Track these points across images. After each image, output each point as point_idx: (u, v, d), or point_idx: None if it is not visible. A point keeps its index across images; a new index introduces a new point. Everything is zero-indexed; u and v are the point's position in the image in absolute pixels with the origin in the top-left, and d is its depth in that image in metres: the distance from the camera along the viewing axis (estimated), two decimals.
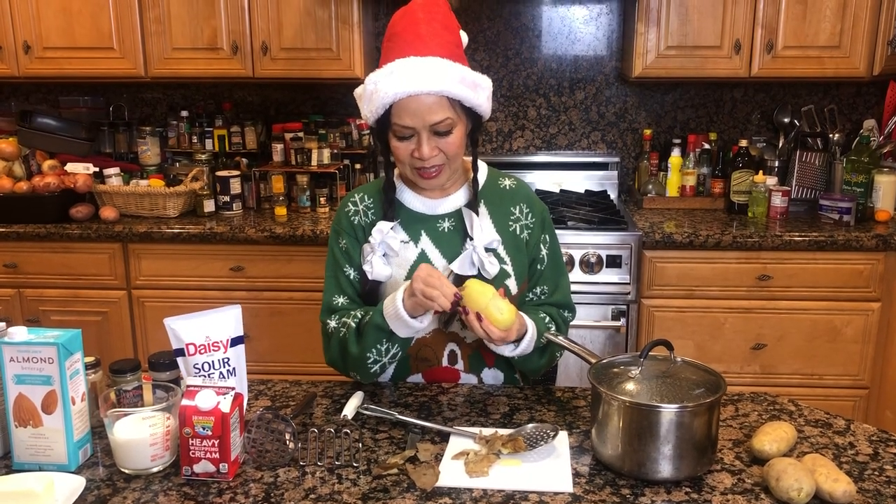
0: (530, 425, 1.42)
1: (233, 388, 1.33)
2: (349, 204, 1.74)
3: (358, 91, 1.63)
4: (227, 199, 3.21)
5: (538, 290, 1.75)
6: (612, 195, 3.40)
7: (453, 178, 1.70)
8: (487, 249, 1.65)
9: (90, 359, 1.48)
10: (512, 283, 1.68)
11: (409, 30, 1.55)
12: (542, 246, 1.75)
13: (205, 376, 1.44)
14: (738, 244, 2.84)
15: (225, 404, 1.29)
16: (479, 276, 1.63)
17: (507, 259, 1.69)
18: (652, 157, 3.38)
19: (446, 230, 1.69)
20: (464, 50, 1.62)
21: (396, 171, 1.75)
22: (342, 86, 3.46)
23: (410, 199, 1.71)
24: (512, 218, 1.72)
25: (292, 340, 3.03)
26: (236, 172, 3.24)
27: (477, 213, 1.67)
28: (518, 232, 1.72)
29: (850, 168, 3.08)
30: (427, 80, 1.51)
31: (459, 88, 1.54)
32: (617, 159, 3.45)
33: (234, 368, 1.48)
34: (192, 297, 2.98)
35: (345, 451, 1.37)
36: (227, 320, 1.48)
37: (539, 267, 1.75)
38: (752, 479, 1.30)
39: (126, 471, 1.33)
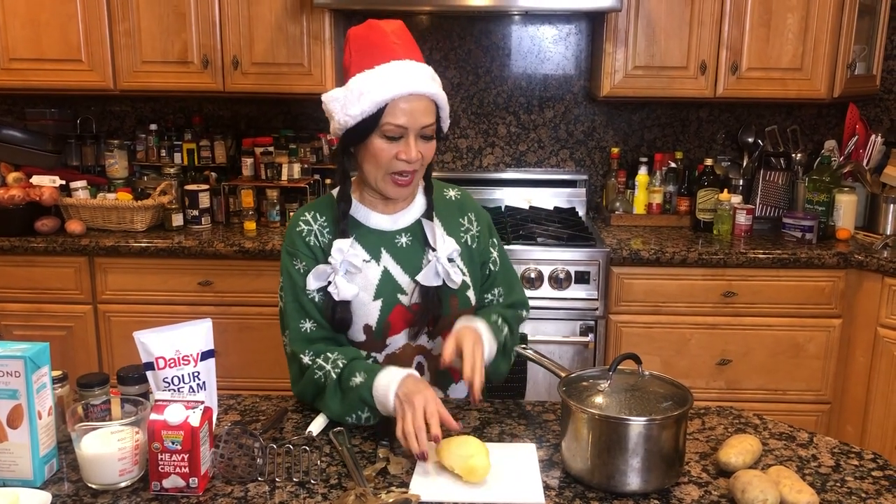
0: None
1: (202, 402, 1.32)
2: (300, 223, 1.68)
3: (334, 94, 1.60)
4: (195, 213, 3.18)
5: (495, 291, 1.78)
6: (581, 212, 3.44)
7: (416, 189, 1.71)
8: (449, 260, 1.66)
9: (57, 373, 1.47)
10: (472, 294, 1.71)
11: (388, 39, 1.57)
12: (491, 249, 1.78)
13: (174, 390, 1.43)
14: (703, 261, 2.89)
15: (194, 418, 1.29)
16: (444, 287, 1.65)
17: (465, 270, 1.70)
18: (619, 175, 3.42)
19: (405, 245, 1.68)
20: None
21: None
22: (313, 101, 3.43)
23: (365, 215, 1.68)
24: (462, 229, 1.74)
25: (261, 356, 3.01)
26: (205, 186, 3.22)
27: (433, 223, 1.69)
28: (469, 242, 1.75)
29: (811, 187, 3.15)
30: (425, 82, 1.56)
31: (443, 99, 1.61)
32: (585, 177, 3.49)
33: (204, 382, 1.48)
34: (159, 311, 2.95)
35: (313, 467, 1.37)
36: (197, 334, 1.47)
37: (492, 268, 1.78)
38: (719, 491, 1.32)
39: (93, 486, 1.31)
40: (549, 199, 3.49)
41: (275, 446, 1.40)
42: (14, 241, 2.96)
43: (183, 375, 1.45)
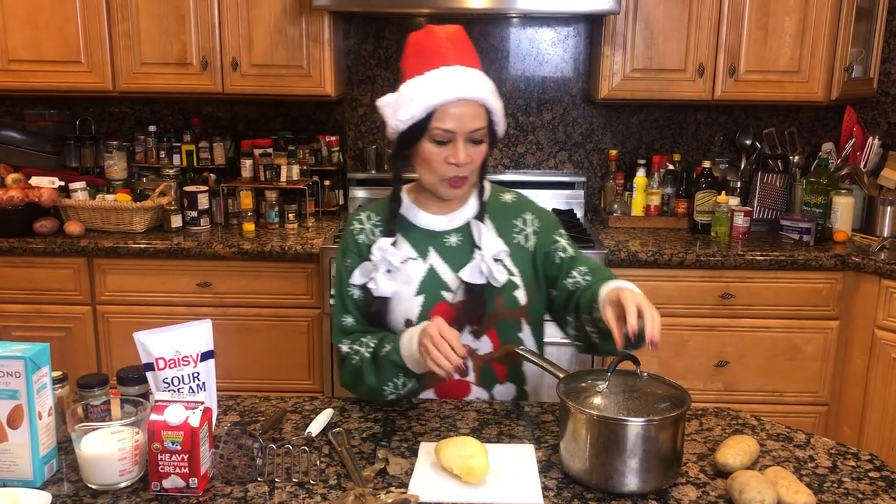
0: None
1: (202, 403, 1.32)
2: (354, 222, 1.76)
3: (387, 99, 1.65)
4: (194, 214, 3.19)
5: (577, 271, 1.69)
6: (579, 214, 3.45)
7: (470, 191, 1.73)
8: (495, 259, 1.66)
9: (57, 373, 1.47)
10: (521, 294, 1.70)
11: (442, 45, 1.62)
12: (557, 238, 1.74)
13: (174, 391, 1.44)
14: (701, 263, 2.89)
15: (194, 419, 1.29)
16: (489, 285, 1.65)
17: (514, 270, 1.70)
18: (617, 177, 3.43)
19: (454, 245, 1.71)
20: None
21: (405, 188, 1.77)
22: (312, 103, 3.47)
23: (417, 215, 1.73)
24: (515, 230, 1.74)
25: (260, 357, 3.02)
26: (204, 188, 3.23)
27: (484, 224, 1.70)
28: (523, 242, 1.73)
29: (809, 189, 3.16)
30: (474, 87, 1.59)
31: (494, 101, 1.62)
32: (583, 179, 3.50)
33: (203, 383, 1.48)
34: (158, 312, 2.95)
35: (312, 468, 1.37)
36: (197, 335, 1.48)
37: (563, 255, 1.72)
38: (717, 491, 1.32)
39: (93, 486, 1.31)
40: (547, 200, 3.50)
41: (274, 447, 1.40)
42: (13, 242, 2.96)
43: (183, 376, 1.45)
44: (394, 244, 1.68)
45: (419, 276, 1.68)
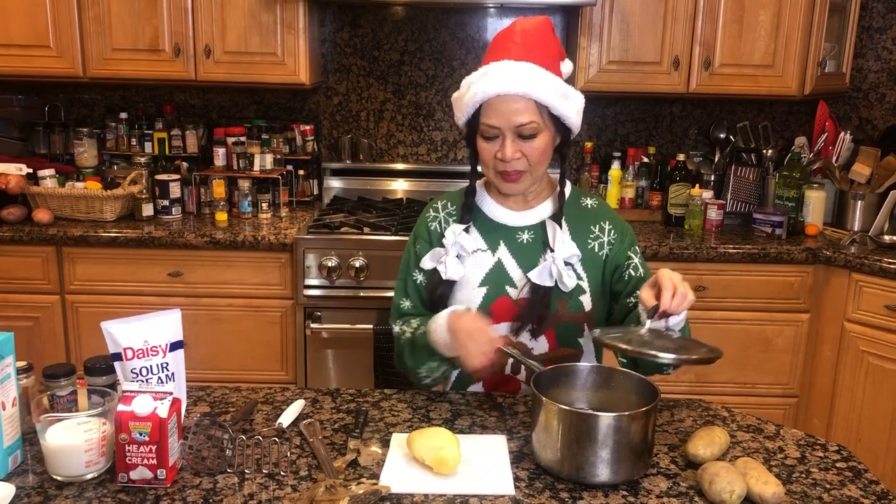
0: None
1: (170, 393, 1.30)
2: (430, 210, 1.79)
3: (455, 95, 1.69)
4: (166, 203, 3.15)
5: None
6: None
7: (536, 188, 1.72)
8: (566, 263, 1.65)
9: (22, 363, 1.45)
10: (586, 300, 1.68)
11: (506, 39, 1.61)
12: (631, 255, 1.72)
13: (143, 381, 1.42)
14: (674, 256, 2.91)
15: (162, 409, 1.27)
16: (555, 288, 1.65)
17: (583, 276, 1.69)
18: (593, 169, 3.44)
19: (525, 242, 1.70)
20: (560, 71, 1.65)
21: (482, 181, 1.78)
22: (286, 91, 3.44)
23: (492, 208, 1.74)
24: (591, 236, 1.72)
25: (232, 348, 2.99)
26: (176, 176, 3.19)
27: (560, 227, 1.68)
28: (597, 249, 1.71)
29: (782, 183, 3.19)
30: (517, 81, 1.56)
31: (548, 95, 1.58)
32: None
33: (172, 373, 1.46)
34: (128, 302, 2.91)
35: (283, 459, 1.36)
36: (166, 324, 1.46)
37: (633, 273, 1.70)
38: (687, 482, 1.33)
39: (58, 478, 1.29)
40: None
41: (244, 438, 1.39)
42: None
43: (151, 366, 1.43)
44: (466, 232, 1.70)
45: (485, 268, 1.69)
